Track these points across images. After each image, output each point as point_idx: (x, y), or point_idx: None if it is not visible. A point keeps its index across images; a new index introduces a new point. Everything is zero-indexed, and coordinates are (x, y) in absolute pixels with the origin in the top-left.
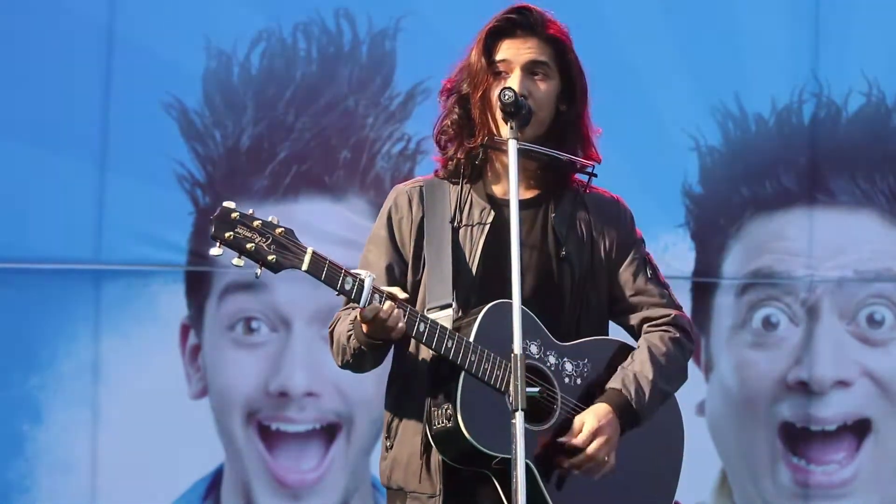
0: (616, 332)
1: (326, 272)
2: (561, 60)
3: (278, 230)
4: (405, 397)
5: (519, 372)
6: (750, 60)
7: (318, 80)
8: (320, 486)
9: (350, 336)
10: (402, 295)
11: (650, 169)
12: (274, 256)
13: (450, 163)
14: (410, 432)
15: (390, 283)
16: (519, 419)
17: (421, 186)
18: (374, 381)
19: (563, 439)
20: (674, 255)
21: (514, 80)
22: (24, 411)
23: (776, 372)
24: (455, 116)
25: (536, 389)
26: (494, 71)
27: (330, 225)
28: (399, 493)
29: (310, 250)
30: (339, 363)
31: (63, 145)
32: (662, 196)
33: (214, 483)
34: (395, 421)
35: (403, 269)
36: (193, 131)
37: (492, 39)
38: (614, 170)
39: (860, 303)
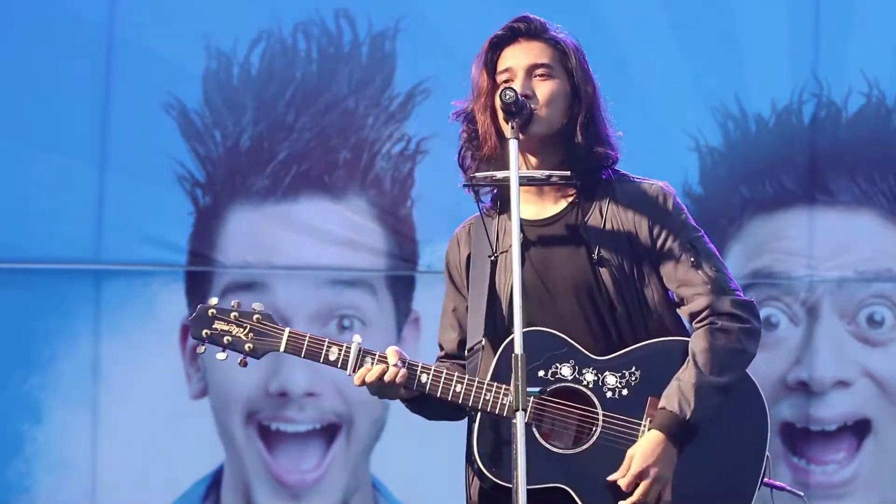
0: None
1: (306, 349)
2: (565, 63)
3: (255, 317)
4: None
5: (520, 372)
6: (750, 60)
7: (318, 80)
8: (320, 486)
9: None
10: (392, 357)
11: (650, 169)
12: (251, 345)
13: (471, 181)
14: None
15: (459, 325)
16: (519, 419)
17: (470, 225)
18: None
19: (612, 477)
20: None
21: (516, 83)
22: (24, 411)
23: (776, 372)
24: (465, 134)
25: (537, 389)
26: (497, 81)
27: (330, 225)
28: None
29: (286, 331)
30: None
31: (63, 145)
32: None
33: (214, 483)
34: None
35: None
36: (193, 131)
37: (493, 51)
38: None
39: (860, 303)
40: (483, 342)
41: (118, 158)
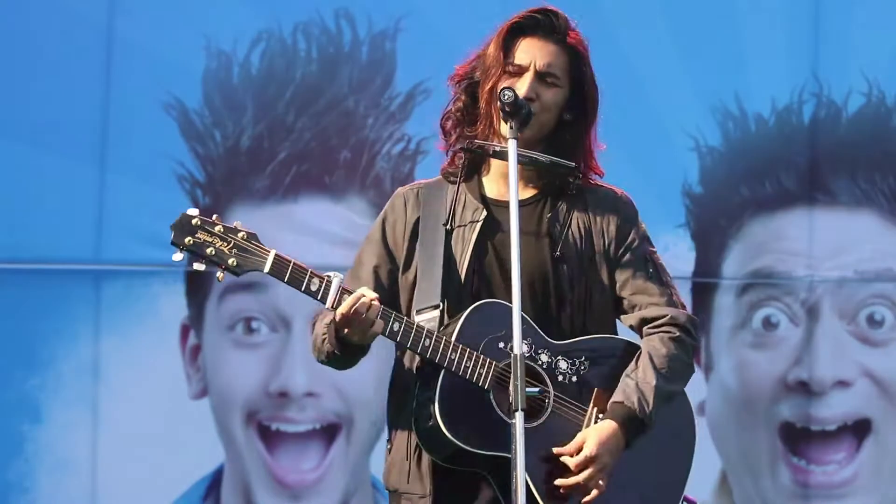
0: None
1: (290, 273)
2: (575, 71)
3: (240, 234)
4: (402, 401)
5: (519, 372)
6: (750, 60)
7: (318, 80)
8: (320, 486)
9: (324, 339)
10: (372, 295)
11: (650, 169)
12: (234, 260)
13: (450, 153)
14: (404, 435)
15: (375, 284)
16: (519, 419)
17: (419, 189)
18: (374, 382)
19: (560, 450)
20: (674, 255)
21: (523, 82)
22: (24, 411)
23: (776, 372)
24: (461, 104)
25: (537, 389)
26: (508, 69)
27: (330, 225)
28: (395, 494)
29: (273, 252)
30: (316, 359)
31: (63, 145)
32: (662, 196)
33: (214, 483)
34: (394, 424)
35: (390, 271)
36: (193, 131)
37: (512, 35)
38: (614, 169)
39: (860, 303)
40: (441, 306)
41: (118, 158)
